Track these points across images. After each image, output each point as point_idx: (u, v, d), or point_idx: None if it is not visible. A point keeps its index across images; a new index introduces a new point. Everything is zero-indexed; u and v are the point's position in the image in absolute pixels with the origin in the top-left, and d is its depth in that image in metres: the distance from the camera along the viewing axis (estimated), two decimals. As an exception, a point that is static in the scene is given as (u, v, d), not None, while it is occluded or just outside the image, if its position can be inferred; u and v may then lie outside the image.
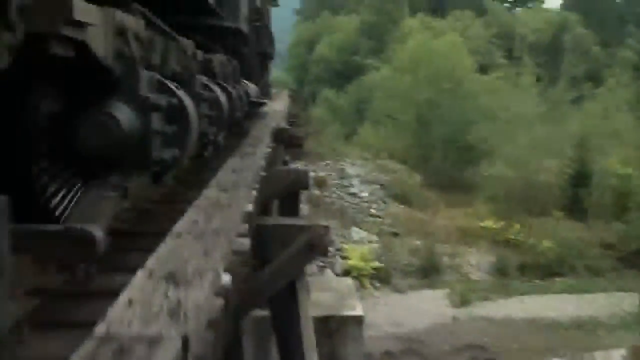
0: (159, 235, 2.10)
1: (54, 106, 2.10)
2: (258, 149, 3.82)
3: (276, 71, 37.75)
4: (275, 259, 3.34)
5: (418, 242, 20.84)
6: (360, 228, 21.04)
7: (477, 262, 20.34)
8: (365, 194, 23.88)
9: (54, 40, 1.63)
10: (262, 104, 9.23)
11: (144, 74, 2.26)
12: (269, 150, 4.17)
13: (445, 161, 30.00)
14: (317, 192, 22.17)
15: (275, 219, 4.02)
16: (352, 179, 25.04)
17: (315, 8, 66.51)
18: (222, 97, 3.94)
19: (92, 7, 1.80)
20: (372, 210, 22.97)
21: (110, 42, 2.00)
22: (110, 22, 1.99)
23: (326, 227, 3.43)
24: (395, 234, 21.41)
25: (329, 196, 22.96)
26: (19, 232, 1.45)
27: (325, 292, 9.30)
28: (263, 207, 3.80)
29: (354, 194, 23.65)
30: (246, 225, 1.82)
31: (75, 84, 2.12)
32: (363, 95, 39.73)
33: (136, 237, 2.89)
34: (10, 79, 1.54)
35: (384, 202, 24.06)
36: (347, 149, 30.57)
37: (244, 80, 7.17)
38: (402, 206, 24.33)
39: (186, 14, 3.79)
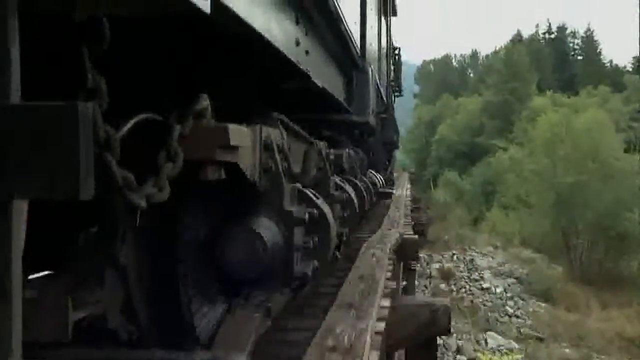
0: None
1: (198, 227, 2.07)
2: (369, 298, 2.24)
3: (395, 153, 36.54)
4: None
5: (568, 351, 17.48)
6: (496, 331, 17.92)
7: (649, 381, 16.44)
8: (499, 290, 21.01)
9: (208, 166, 1.65)
10: (388, 194, 9.21)
11: (287, 187, 2.22)
12: (387, 296, 2.48)
13: (592, 251, 26.15)
14: (443, 286, 19.63)
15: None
16: (482, 271, 22.29)
17: (434, 91, 66.66)
18: (353, 195, 3.90)
19: (244, 130, 1.84)
20: (508, 309, 19.92)
21: (258, 159, 2.02)
22: (258, 140, 2.01)
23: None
24: (540, 339, 18.05)
25: (457, 291, 20.18)
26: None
27: None
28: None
29: (486, 289, 20.73)
30: None
31: (219, 202, 2.11)
32: (489, 177, 37.17)
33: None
34: (160, 207, 1.51)
35: (522, 299, 20.99)
36: (474, 235, 28.07)
37: (371, 171, 7.22)
38: (544, 304, 21.06)
39: (316, 111, 3.78)
